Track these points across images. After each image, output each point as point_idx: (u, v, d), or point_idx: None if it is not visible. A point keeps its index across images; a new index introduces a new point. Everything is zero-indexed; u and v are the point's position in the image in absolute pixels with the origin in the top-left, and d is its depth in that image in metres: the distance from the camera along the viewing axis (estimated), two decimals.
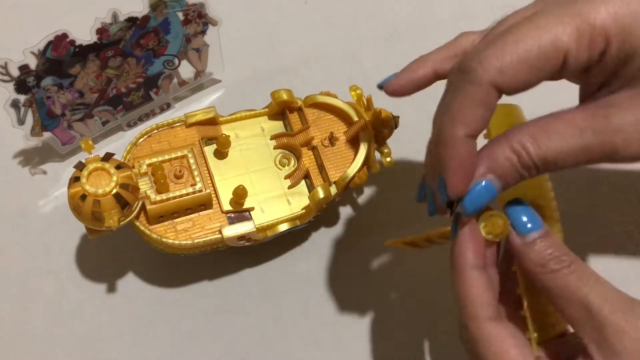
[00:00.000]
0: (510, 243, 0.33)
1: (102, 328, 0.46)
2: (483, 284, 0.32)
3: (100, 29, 0.43)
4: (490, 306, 0.32)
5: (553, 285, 0.32)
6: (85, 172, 0.39)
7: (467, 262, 0.33)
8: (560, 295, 0.31)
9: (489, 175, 0.32)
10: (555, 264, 0.32)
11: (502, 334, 0.32)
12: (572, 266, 0.32)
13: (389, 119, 0.46)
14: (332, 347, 0.46)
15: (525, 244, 0.32)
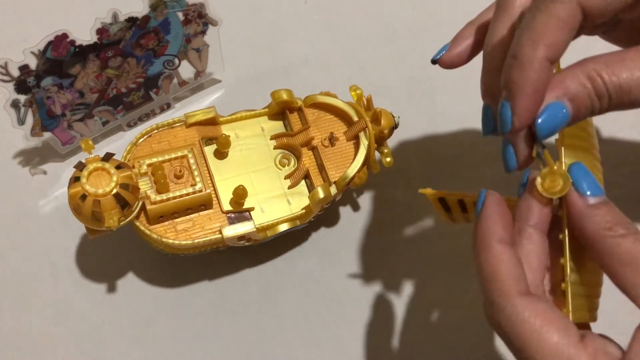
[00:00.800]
0: (570, 204, 0.31)
1: (102, 328, 0.46)
2: (513, 259, 0.30)
3: (100, 29, 0.43)
4: (522, 280, 0.30)
5: (619, 250, 0.29)
6: (86, 172, 0.39)
7: (495, 236, 0.30)
8: (624, 260, 0.29)
9: (563, 98, 0.30)
10: (621, 229, 0.30)
11: (539, 308, 0.29)
12: (638, 235, 0.30)
13: (389, 119, 0.46)
14: (332, 347, 0.46)
15: (589, 206, 0.30)
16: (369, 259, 0.48)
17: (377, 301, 0.47)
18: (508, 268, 0.30)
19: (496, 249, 0.30)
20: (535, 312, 0.29)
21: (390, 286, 0.48)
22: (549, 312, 0.29)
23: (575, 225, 0.31)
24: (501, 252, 0.30)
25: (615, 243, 0.29)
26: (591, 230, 0.30)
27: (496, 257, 0.30)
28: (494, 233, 0.31)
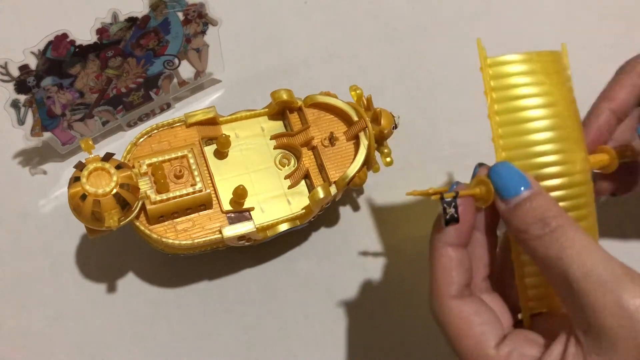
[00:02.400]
0: (498, 209, 0.32)
1: (102, 328, 0.46)
2: (453, 262, 0.32)
3: (100, 29, 0.43)
4: (454, 284, 0.32)
5: (535, 254, 0.30)
6: (86, 172, 0.39)
7: (444, 238, 0.32)
8: (542, 265, 0.30)
9: None
10: (537, 229, 0.30)
11: (465, 312, 0.32)
12: (556, 232, 0.30)
13: (389, 119, 0.46)
14: (332, 347, 0.46)
15: (509, 209, 0.31)
16: (369, 259, 0.48)
17: (377, 301, 0.47)
18: (444, 272, 0.32)
19: (440, 251, 0.33)
20: (459, 316, 0.32)
21: (391, 286, 0.48)
22: (472, 316, 0.32)
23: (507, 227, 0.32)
24: (443, 254, 0.32)
25: (531, 247, 0.30)
26: (514, 234, 0.32)
27: (438, 260, 0.33)
28: (443, 234, 0.33)
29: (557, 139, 0.33)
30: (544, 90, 0.34)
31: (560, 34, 0.58)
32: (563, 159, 0.33)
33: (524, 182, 0.31)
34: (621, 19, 0.59)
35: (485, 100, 0.34)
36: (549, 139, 0.33)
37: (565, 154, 0.33)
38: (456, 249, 0.33)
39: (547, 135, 0.33)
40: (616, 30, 0.58)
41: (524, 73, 0.34)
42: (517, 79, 0.34)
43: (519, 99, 0.33)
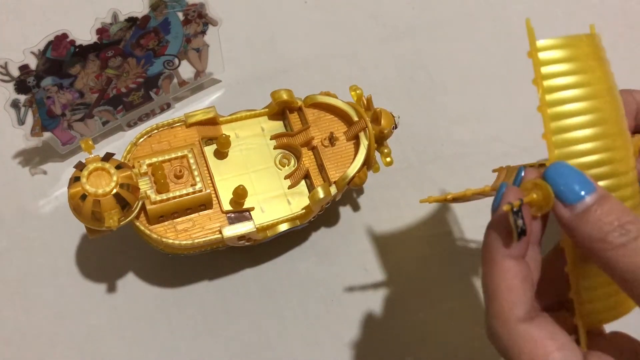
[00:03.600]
0: (558, 217, 0.28)
1: (102, 328, 0.46)
2: (518, 277, 0.28)
3: (100, 29, 0.43)
4: (522, 304, 0.27)
5: (617, 265, 0.26)
6: (86, 172, 0.39)
7: (501, 250, 0.28)
8: (625, 277, 0.26)
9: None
10: (619, 237, 0.26)
11: (538, 336, 0.27)
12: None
13: (389, 119, 0.46)
14: (332, 347, 0.46)
15: (576, 216, 0.27)
16: (369, 259, 0.48)
17: (377, 301, 0.47)
18: (510, 290, 0.27)
19: (501, 266, 0.28)
20: (532, 340, 0.27)
21: (390, 286, 0.48)
22: (547, 340, 0.27)
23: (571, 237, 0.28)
24: (506, 269, 0.28)
25: (613, 257, 0.26)
26: (584, 244, 0.27)
27: (500, 276, 0.28)
28: (500, 245, 0.28)
29: (607, 135, 0.30)
30: (594, 78, 0.30)
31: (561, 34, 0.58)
32: (614, 156, 0.29)
33: (588, 185, 0.27)
34: (621, 19, 0.59)
35: (537, 90, 0.30)
36: (600, 135, 0.29)
37: (615, 151, 0.30)
38: (519, 261, 0.28)
39: (598, 131, 0.29)
40: (616, 30, 0.58)
41: (573, 59, 0.30)
42: (566, 65, 0.30)
43: (570, 88, 0.30)
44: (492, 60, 0.57)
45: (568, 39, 0.30)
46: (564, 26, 0.58)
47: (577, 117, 0.29)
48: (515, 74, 0.40)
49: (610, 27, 0.58)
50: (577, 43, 0.31)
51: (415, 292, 0.48)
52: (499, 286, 0.28)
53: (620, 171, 0.30)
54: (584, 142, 0.29)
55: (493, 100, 0.55)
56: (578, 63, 0.30)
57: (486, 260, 0.28)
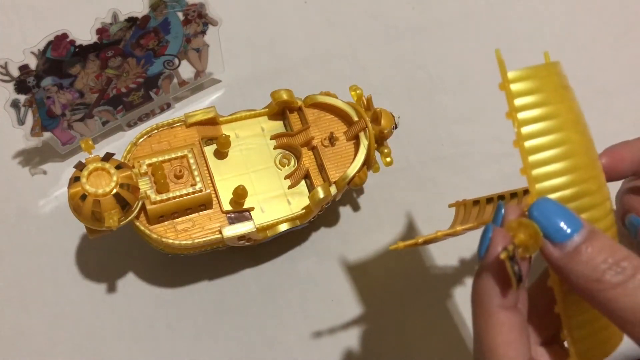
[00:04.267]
0: (547, 257, 0.26)
1: (102, 328, 0.46)
2: (515, 330, 0.26)
3: (100, 29, 0.43)
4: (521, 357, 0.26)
5: (616, 305, 0.24)
6: (85, 172, 0.39)
7: (495, 300, 0.26)
8: (625, 317, 0.24)
9: None
10: (615, 275, 0.25)
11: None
12: (638, 275, 0.24)
13: (389, 119, 0.46)
14: (332, 347, 0.46)
15: (567, 255, 0.25)
16: (369, 259, 0.48)
17: (377, 301, 0.47)
18: (507, 345, 0.26)
19: (495, 319, 0.26)
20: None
21: (390, 286, 0.48)
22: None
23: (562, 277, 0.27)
24: (501, 323, 0.26)
25: (610, 297, 0.25)
26: (579, 285, 0.26)
27: (495, 329, 0.26)
28: (494, 296, 0.26)
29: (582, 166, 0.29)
30: (563, 108, 0.29)
31: (561, 34, 0.58)
32: (590, 187, 0.29)
33: (575, 222, 0.26)
34: (621, 19, 0.59)
35: (512, 124, 0.29)
36: (575, 167, 0.29)
37: (591, 182, 0.29)
38: (513, 311, 0.26)
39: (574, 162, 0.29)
40: (616, 30, 0.58)
41: (543, 89, 0.29)
42: (537, 96, 0.29)
43: (542, 120, 0.29)
44: (492, 60, 0.57)
45: (536, 69, 0.30)
46: (564, 26, 0.58)
47: (552, 149, 0.28)
48: None
49: (611, 27, 0.58)
50: (545, 73, 0.30)
51: (416, 291, 0.48)
52: (495, 341, 0.26)
53: (598, 202, 0.29)
54: (561, 175, 0.28)
55: (493, 100, 0.55)
56: (548, 93, 0.29)
57: (479, 312, 0.27)
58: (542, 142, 0.28)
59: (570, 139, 0.29)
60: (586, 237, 0.26)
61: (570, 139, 0.29)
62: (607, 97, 0.55)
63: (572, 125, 0.29)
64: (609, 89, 0.55)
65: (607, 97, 0.55)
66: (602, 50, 0.56)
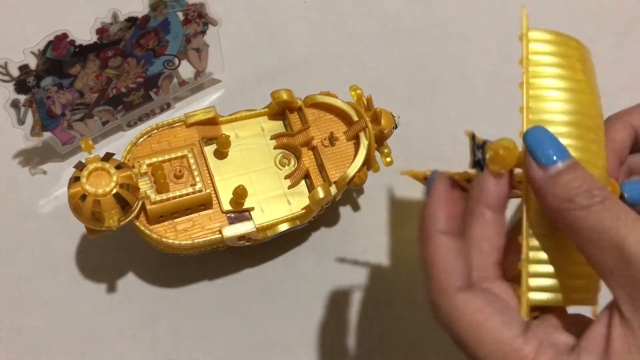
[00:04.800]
0: (530, 177, 0.29)
1: (102, 328, 0.46)
2: (451, 251, 0.29)
3: (100, 29, 0.43)
4: (458, 275, 0.28)
5: (582, 224, 0.27)
6: (85, 172, 0.39)
7: (436, 226, 0.29)
8: (589, 237, 0.27)
9: None
10: (584, 199, 0.27)
11: (477, 304, 0.28)
12: (606, 202, 0.27)
13: (389, 119, 0.46)
14: (332, 347, 0.46)
15: (549, 176, 0.28)
16: (369, 259, 0.48)
17: (377, 301, 0.47)
18: (445, 262, 0.29)
19: (435, 241, 0.29)
20: (471, 309, 0.28)
21: (391, 286, 0.48)
22: (486, 307, 0.28)
23: (538, 199, 0.29)
24: (439, 244, 0.29)
25: (578, 217, 0.27)
26: (553, 204, 0.28)
27: (435, 250, 0.29)
28: (435, 222, 0.29)
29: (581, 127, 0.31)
30: (577, 77, 0.32)
31: None
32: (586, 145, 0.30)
33: (562, 152, 0.28)
34: (621, 19, 0.59)
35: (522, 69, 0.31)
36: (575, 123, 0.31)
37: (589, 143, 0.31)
38: (452, 236, 0.29)
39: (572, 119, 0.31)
40: (616, 30, 0.58)
41: (561, 55, 0.32)
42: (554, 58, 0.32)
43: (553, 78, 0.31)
44: (492, 60, 0.57)
45: (561, 36, 0.32)
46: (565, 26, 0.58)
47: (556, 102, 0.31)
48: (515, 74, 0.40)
49: (611, 27, 0.58)
50: (569, 42, 0.32)
51: (415, 291, 0.48)
52: (433, 259, 0.29)
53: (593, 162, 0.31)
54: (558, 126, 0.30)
55: (493, 100, 0.55)
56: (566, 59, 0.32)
57: (421, 237, 0.30)
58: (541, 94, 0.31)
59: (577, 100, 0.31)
60: (569, 165, 0.28)
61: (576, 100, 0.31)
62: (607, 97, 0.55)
63: (581, 93, 0.32)
64: (609, 89, 0.55)
65: (607, 97, 0.55)
66: (603, 50, 0.56)
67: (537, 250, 0.30)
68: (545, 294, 0.30)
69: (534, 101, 0.31)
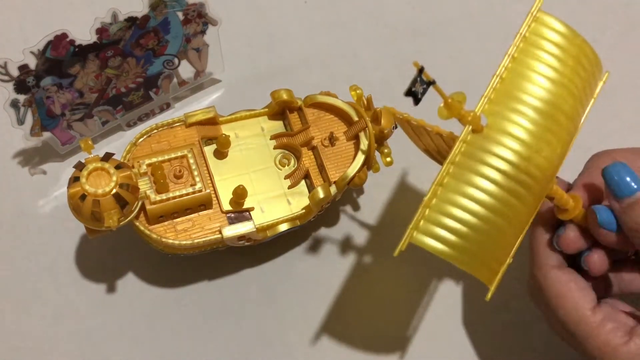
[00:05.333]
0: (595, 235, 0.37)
1: (102, 328, 0.46)
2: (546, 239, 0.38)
3: (100, 28, 0.43)
4: (554, 256, 0.37)
5: None
6: (85, 172, 0.39)
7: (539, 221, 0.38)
8: None
9: None
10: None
11: (564, 279, 0.36)
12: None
13: (389, 119, 0.46)
14: (332, 347, 0.46)
15: (622, 208, 0.35)
16: (369, 259, 0.48)
17: (377, 301, 0.47)
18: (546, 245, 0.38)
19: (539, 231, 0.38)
20: (559, 280, 0.36)
21: (391, 286, 0.48)
22: (571, 282, 0.36)
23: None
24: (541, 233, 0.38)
25: None
26: (625, 227, 0.35)
27: (537, 238, 0.38)
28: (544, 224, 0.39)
29: (549, 119, 0.33)
30: (566, 73, 0.33)
31: None
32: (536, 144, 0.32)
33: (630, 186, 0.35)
34: (621, 19, 0.59)
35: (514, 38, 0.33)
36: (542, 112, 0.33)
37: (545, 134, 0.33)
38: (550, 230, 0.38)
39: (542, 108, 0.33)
40: (616, 30, 0.58)
41: (561, 47, 0.34)
42: (552, 47, 0.33)
43: (542, 63, 0.33)
44: (492, 60, 0.57)
45: (571, 31, 0.34)
46: None
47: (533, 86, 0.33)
48: None
49: (611, 27, 0.58)
50: (574, 40, 0.33)
51: (415, 292, 0.48)
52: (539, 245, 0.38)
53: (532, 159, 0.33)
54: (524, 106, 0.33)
55: None
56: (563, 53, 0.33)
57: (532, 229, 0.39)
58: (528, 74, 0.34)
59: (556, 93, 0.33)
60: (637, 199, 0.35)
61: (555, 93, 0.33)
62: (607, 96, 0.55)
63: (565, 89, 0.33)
64: (609, 89, 0.55)
65: (607, 97, 0.55)
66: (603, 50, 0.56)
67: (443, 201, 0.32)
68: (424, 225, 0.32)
69: (512, 75, 0.32)
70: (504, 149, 0.32)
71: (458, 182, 0.32)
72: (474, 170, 0.32)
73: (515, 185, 0.32)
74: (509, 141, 0.32)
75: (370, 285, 0.48)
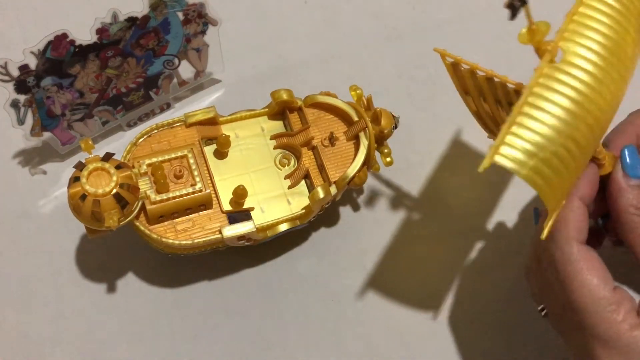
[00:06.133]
0: (613, 180, 0.38)
1: (102, 328, 0.46)
2: (583, 214, 0.37)
3: (100, 29, 0.43)
4: (583, 232, 0.37)
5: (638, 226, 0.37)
6: (85, 172, 0.39)
7: (578, 192, 0.37)
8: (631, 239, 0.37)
9: None
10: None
11: (590, 254, 0.36)
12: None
13: (389, 119, 0.46)
14: (332, 347, 0.46)
15: (629, 185, 0.37)
16: (369, 259, 0.48)
17: (377, 301, 0.47)
18: (577, 219, 0.37)
19: (573, 203, 0.37)
20: (586, 254, 0.36)
21: (391, 286, 0.48)
22: (595, 259, 0.36)
23: (611, 197, 0.38)
24: (577, 206, 0.37)
25: (635, 222, 0.37)
26: (622, 204, 0.37)
27: (572, 209, 0.37)
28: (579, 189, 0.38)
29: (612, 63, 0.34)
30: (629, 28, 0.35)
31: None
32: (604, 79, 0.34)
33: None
34: None
35: None
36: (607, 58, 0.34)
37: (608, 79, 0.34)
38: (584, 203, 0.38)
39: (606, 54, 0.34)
40: None
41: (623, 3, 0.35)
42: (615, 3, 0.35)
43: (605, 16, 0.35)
44: (492, 60, 0.57)
45: None
46: None
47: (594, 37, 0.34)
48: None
49: None
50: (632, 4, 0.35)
51: (415, 291, 0.48)
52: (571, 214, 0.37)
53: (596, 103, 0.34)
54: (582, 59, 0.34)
55: None
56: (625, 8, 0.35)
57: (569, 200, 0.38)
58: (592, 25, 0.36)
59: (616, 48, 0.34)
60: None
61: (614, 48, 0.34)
62: None
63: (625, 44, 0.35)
64: None
65: None
66: None
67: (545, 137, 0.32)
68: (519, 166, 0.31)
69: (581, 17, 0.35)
70: (578, 81, 0.33)
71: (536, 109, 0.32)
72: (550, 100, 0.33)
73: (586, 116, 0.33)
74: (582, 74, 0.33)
75: (370, 285, 0.48)
